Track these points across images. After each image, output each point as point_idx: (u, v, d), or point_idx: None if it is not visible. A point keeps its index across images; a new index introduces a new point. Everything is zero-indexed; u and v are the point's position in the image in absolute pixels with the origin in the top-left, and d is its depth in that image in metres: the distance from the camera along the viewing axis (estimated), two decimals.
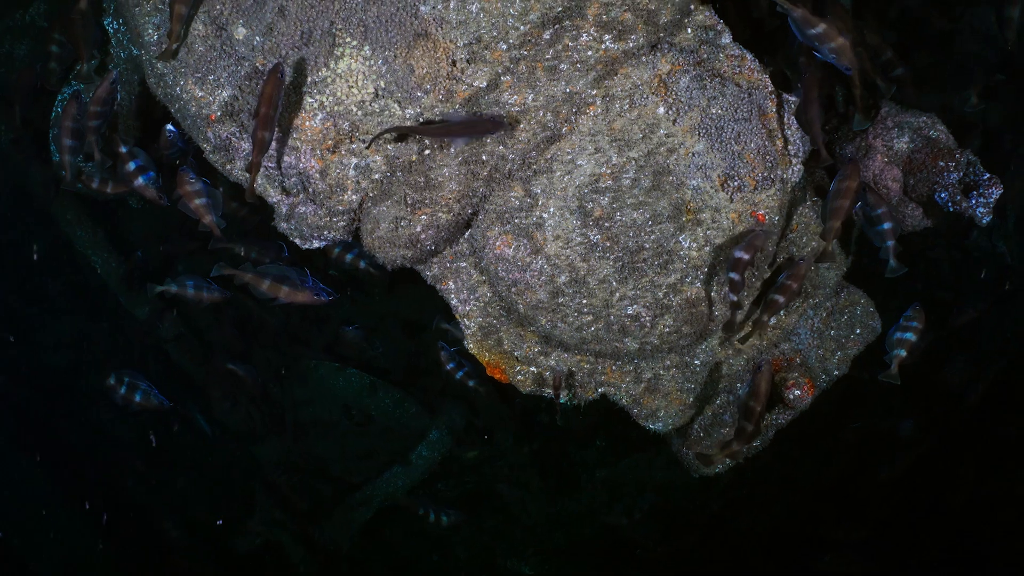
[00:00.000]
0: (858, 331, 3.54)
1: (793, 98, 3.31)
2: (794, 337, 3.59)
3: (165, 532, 5.44)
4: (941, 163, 3.54)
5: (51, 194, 4.44)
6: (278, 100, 2.97)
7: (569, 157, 3.15)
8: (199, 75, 3.21)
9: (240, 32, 3.23)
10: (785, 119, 3.34)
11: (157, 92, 3.41)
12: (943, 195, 3.47)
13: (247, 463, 5.25)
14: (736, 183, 3.17)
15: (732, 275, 3.09)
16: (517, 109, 3.05)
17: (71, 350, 5.40)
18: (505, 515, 5.32)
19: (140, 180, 3.59)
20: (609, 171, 3.15)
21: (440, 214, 3.08)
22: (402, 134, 3.05)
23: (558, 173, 3.15)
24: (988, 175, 3.44)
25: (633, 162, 3.14)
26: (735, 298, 3.13)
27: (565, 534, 5.19)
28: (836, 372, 3.58)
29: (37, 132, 4.34)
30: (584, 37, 3.06)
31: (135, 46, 3.61)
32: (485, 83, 3.14)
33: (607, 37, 3.05)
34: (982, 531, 5.11)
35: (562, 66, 3.05)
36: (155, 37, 3.28)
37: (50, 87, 4.03)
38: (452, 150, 3.05)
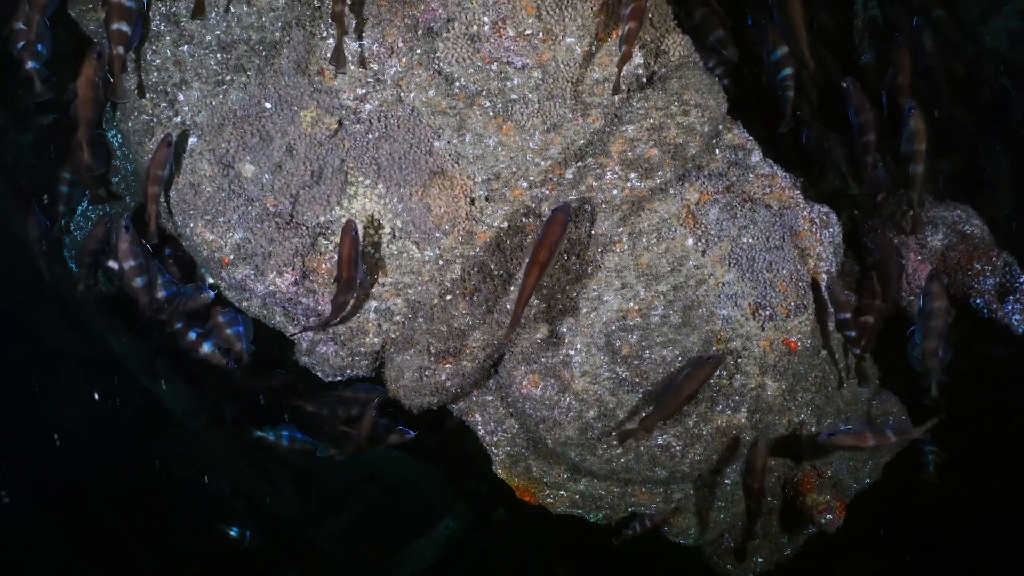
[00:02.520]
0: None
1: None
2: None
3: None
4: (977, 265, 3.43)
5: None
6: (358, 259, 2.84)
7: (595, 293, 3.05)
8: (208, 217, 3.10)
9: (248, 169, 3.10)
10: (817, 235, 3.23)
11: (167, 227, 3.30)
12: (979, 301, 3.38)
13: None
14: (768, 312, 3.08)
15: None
16: None
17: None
18: None
19: (205, 348, 3.58)
20: (637, 307, 3.05)
21: (465, 363, 3.01)
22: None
23: (584, 310, 3.05)
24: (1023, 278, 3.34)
25: (661, 296, 3.04)
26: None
27: None
28: (868, 480, 3.54)
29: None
30: (608, 176, 2.93)
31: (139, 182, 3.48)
32: (507, 223, 3.03)
33: (633, 175, 2.92)
34: None
35: (586, 207, 2.93)
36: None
37: (57, 233, 4.00)
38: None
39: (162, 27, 3.13)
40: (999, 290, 3.35)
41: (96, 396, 4.77)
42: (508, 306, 2.96)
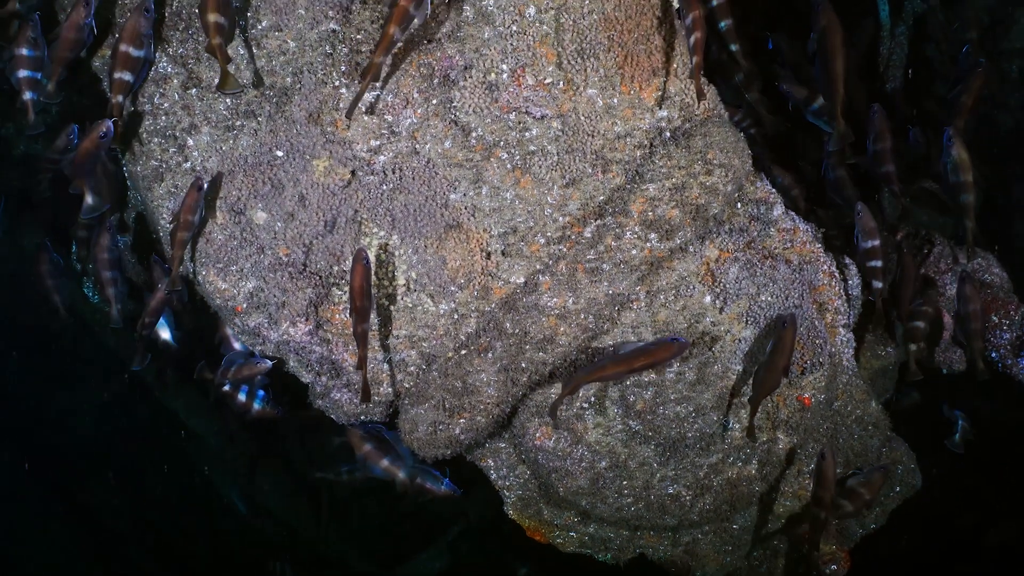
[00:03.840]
0: (898, 488, 3.51)
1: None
2: None
3: None
4: (995, 317, 3.40)
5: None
6: (370, 288, 2.80)
7: (611, 349, 3.03)
8: (220, 265, 3.05)
9: (260, 217, 3.04)
10: (836, 288, 3.19)
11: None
12: (994, 355, 3.36)
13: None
14: None
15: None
16: (557, 312, 2.91)
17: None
18: None
19: (256, 406, 3.58)
20: None
21: (479, 418, 3.00)
22: None
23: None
24: None
25: None
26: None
27: None
28: (874, 526, 3.58)
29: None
30: (628, 235, 2.87)
31: (150, 227, 3.42)
32: (523, 279, 2.98)
33: (653, 236, 2.87)
34: None
35: (604, 266, 2.88)
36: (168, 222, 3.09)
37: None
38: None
39: (169, 69, 3.03)
40: (1015, 343, 3.34)
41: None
42: (523, 364, 2.93)
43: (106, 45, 3.18)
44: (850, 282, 3.28)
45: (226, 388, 3.54)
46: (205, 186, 2.93)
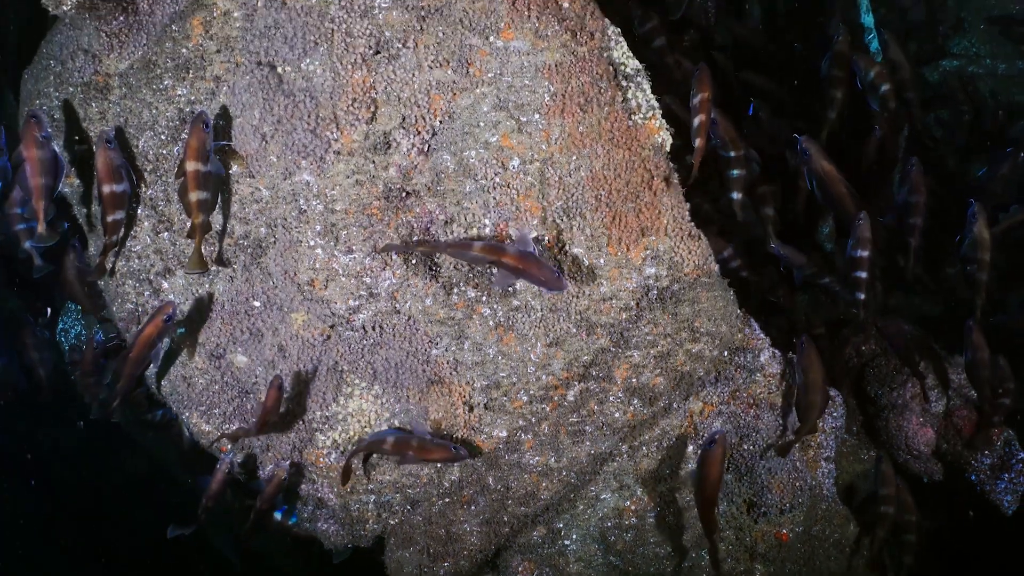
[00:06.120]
0: None
1: None
2: None
3: None
4: (977, 441, 3.40)
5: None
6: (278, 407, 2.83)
7: (593, 493, 3.06)
8: (203, 408, 3.04)
9: (240, 360, 3.01)
10: (821, 423, 3.18)
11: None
12: (973, 477, 3.39)
13: None
14: (762, 510, 3.11)
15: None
16: (539, 471, 2.92)
17: None
18: None
19: (278, 515, 3.56)
20: (634, 507, 3.08)
21: (462, 563, 3.07)
22: None
23: (581, 507, 3.08)
24: (1022, 456, 3.34)
25: (659, 497, 3.06)
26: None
27: None
28: None
29: None
30: (611, 399, 2.85)
31: None
32: (505, 432, 2.97)
33: (636, 401, 2.84)
34: None
35: (587, 428, 2.87)
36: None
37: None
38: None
39: (140, 212, 2.91)
40: (995, 467, 3.36)
41: None
42: (505, 518, 2.98)
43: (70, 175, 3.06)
44: (834, 413, 3.27)
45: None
46: (174, 315, 2.83)
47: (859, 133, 3.97)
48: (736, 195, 3.42)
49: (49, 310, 4.15)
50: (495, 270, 2.58)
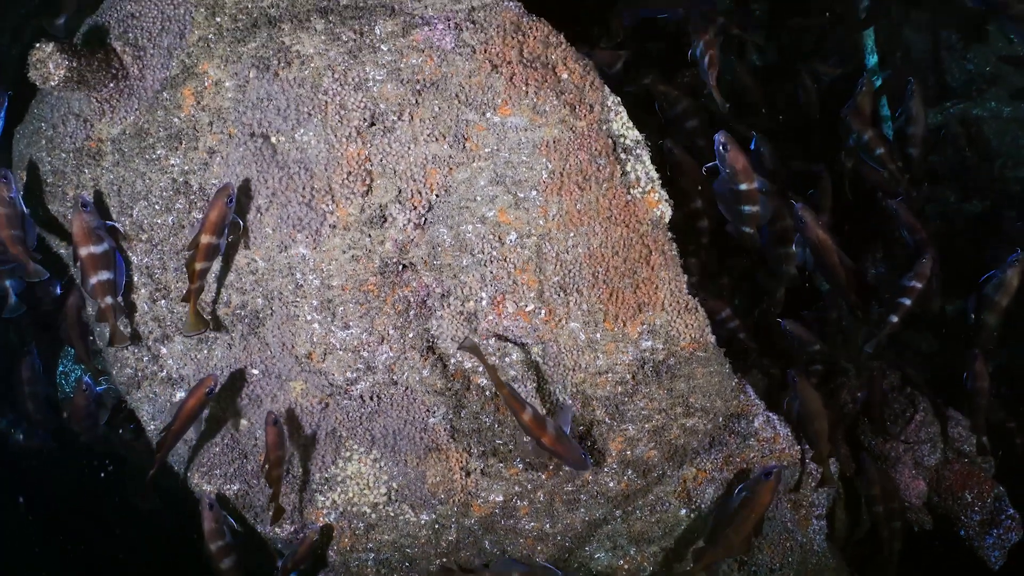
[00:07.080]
0: None
1: None
2: None
3: None
4: (968, 496, 3.44)
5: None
6: (284, 441, 2.87)
7: (587, 553, 3.12)
8: (204, 469, 3.08)
9: (242, 424, 3.03)
10: (812, 484, 3.22)
11: None
12: (962, 532, 3.44)
13: None
14: (752, 568, 3.17)
15: None
16: (534, 535, 2.97)
17: None
18: None
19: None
20: (627, 566, 3.13)
21: None
22: None
23: (575, 565, 3.14)
24: (1011, 513, 3.38)
25: (651, 557, 3.11)
26: None
27: None
28: None
29: None
30: (606, 470, 2.87)
31: None
32: (501, 497, 3.01)
33: (630, 472, 2.87)
34: None
35: (582, 496, 2.91)
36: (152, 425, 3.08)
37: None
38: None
39: (136, 279, 2.90)
40: (984, 523, 3.40)
41: None
42: None
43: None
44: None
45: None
46: (215, 389, 2.82)
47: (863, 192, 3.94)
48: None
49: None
50: (527, 438, 2.62)
